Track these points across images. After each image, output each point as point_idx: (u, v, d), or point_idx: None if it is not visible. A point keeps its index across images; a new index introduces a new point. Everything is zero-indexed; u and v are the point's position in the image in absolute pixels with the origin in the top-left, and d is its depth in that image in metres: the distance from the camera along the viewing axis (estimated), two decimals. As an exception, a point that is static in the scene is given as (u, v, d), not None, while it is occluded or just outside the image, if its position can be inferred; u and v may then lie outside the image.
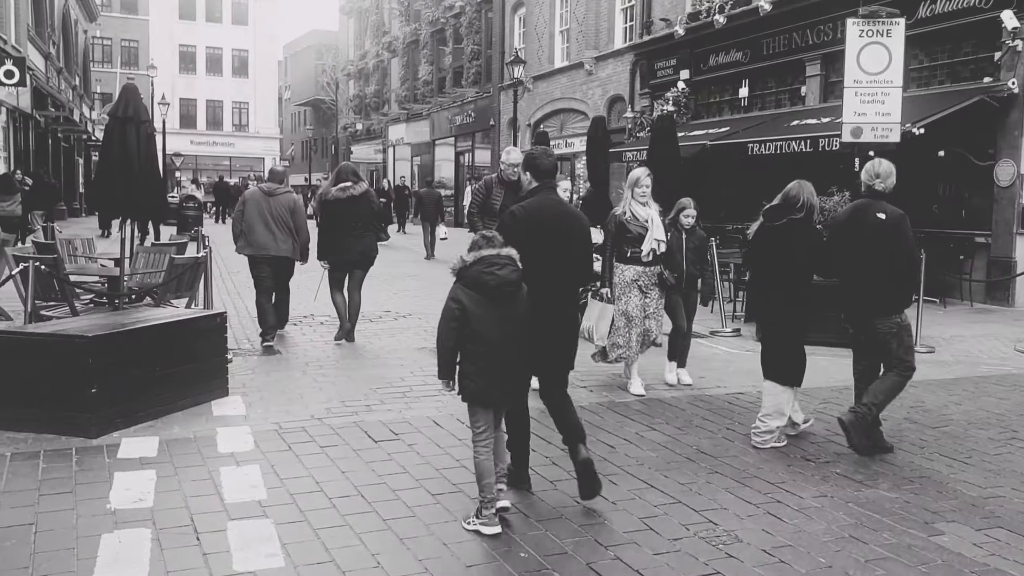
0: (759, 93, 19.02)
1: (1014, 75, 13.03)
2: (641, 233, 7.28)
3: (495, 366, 4.56)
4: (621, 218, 7.32)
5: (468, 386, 4.61)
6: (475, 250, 4.61)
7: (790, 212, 5.87)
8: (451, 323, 4.54)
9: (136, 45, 58.92)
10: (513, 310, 4.61)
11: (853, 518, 4.78)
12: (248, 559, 4.08)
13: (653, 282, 7.46)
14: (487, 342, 4.53)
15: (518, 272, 4.58)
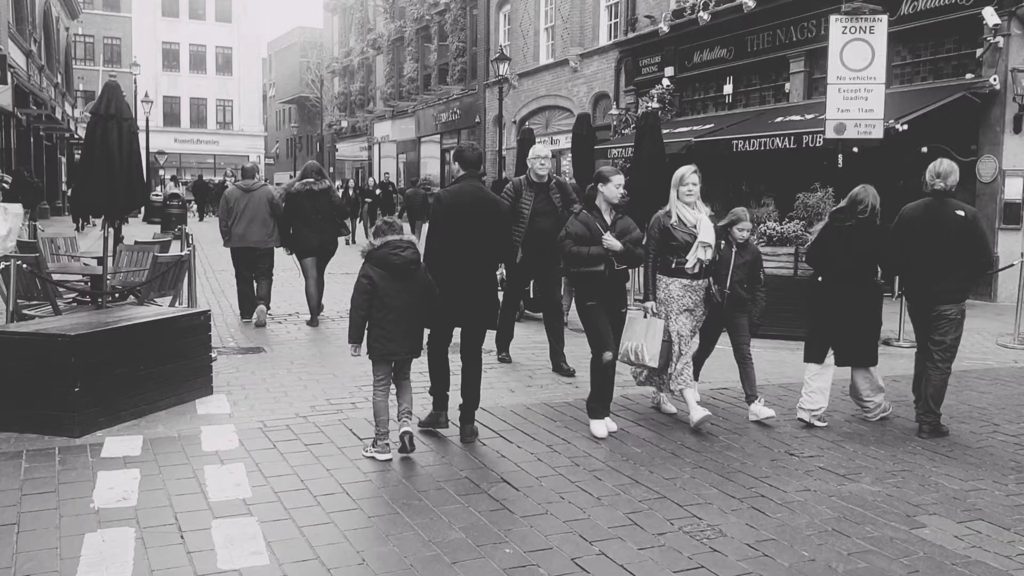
0: (743, 90, 19.09)
1: (995, 71, 13.12)
2: (688, 240, 6.25)
3: (398, 329, 5.56)
4: (666, 222, 6.34)
5: (376, 347, 5.57)
6: (381, 236, 5.63)
7: (857, 213, 6.51)
8: (363, 295, 5.52)
9: (119, 42, 58.48)
10: (412, 284, 5.63)
11: (836, 512, 4.81)
12: (233, 557, 4.07)
13: (700, 298, 6.44)
14: (393, 310, 5.54)
15: (417, 253, 5.63)
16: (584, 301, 6.19)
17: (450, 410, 6.24)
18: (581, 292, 6.25)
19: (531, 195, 7.97)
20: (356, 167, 48.36)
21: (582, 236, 6.11)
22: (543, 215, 7.94)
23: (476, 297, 6.04)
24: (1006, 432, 6.49)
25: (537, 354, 9.04)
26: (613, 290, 6.22)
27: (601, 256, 6.06)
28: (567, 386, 7.65)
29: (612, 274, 6.15)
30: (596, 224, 6.13)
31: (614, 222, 6.21)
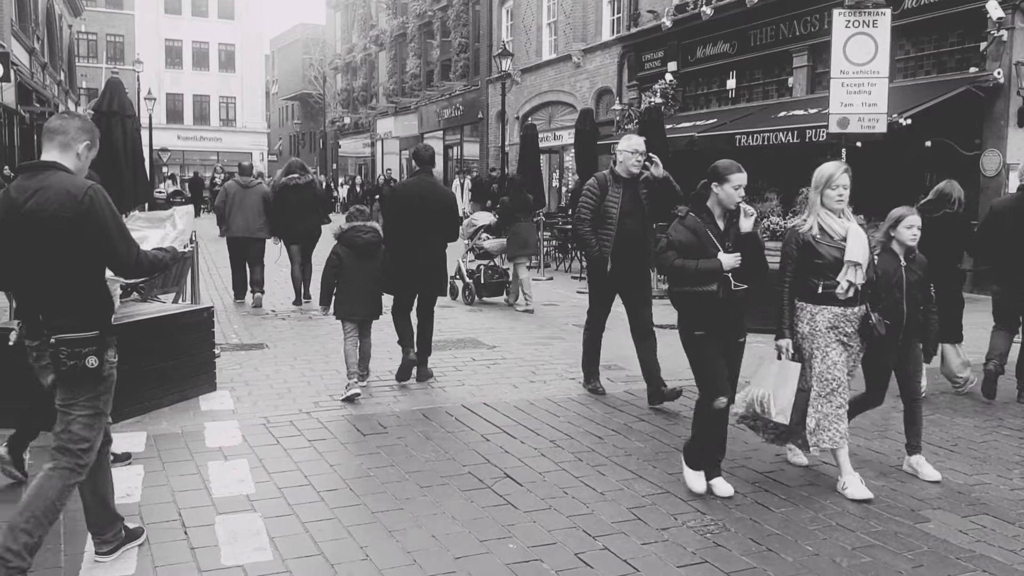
0: (746, 85, 19.05)
1: (1000, 65, 13.08)
2: (837, 257, 4.95)
3: (357, 297, 6.96)
4: (806, 235, 5.05)
5: (340, 309, 7.02)
6: (351, 221, 7.04)
7: (945, 206, 6.90)
8: (332, 269, 7.00)
9: (121, 40, 58.50)
10: (372, 262, 7.01)
11: (840, 506, 4.80)
12: (236, 553, 4.07)
13: (854, 329, 5.05)
14: (355, 281, 6.94)
15: (378, 236, 6.99)
16: (690, 329, 4.99)
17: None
18: (687, 317, 5.02)
19: (618, 191, 6.73)
20: (359, 163, 48.36)
21: (689, 247, 4.91)
22: (630, 215, 6.77)
23: (428, 269, 7.44)
24: (1010, 427, 6.47)
25: (540, 349, 9.05)
26: (729, 315, 4.99)
27: (714, 272, 4.85)
28: (570, 381, 7.65)
29: (728, 294, 4.92)
30: (707, 231, 4.94)
31: (727, 228, 4.99)
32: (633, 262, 6.85)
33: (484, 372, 7.95)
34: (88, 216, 3.59)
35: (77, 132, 3.79)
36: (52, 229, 3.57)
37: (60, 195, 3.58)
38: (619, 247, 6.74)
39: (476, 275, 12.62)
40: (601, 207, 6.75)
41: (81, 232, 3.60)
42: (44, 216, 3.56)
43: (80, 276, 3.70)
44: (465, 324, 10.61)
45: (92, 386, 3.74)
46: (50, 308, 3.66)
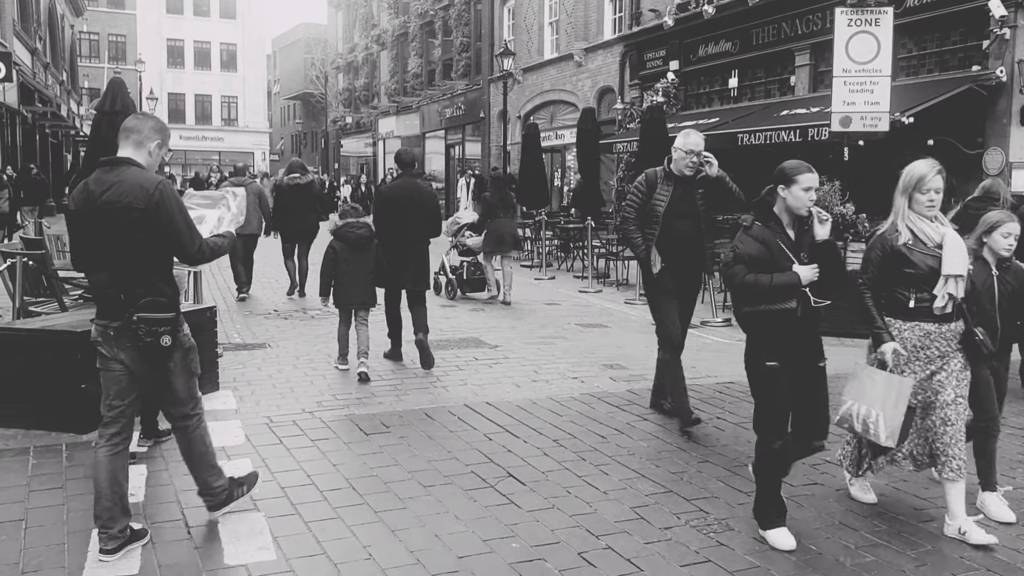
0: (748, 83, 19.02)
1: (1002, 63, 13.06)
2: (932, 266, 4.37)
3: (353, 287, 7.67)
4: (894, 242, 4.47)
5: (338, 298, 7.76)
6: (345, 218, 7.75)
7: (992, 203, 6.75)
8: (330, 261, 7.71)
9: (123, 40, 58.53)
10: (366, 255, 7.69)
11: (843, 505, 4.80)
12: (240, 553, 4.08)
13: (950, 348, 4.47)
14: (349, 273, 7.64)
15: (370, 230, 7.66)
16: (761, 358, 4.34)
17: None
18: (759, 342, 4.39)
19: (668, 190, 6.27)
20: (361, 163, 48.36)
21: (759, 260, 4.31)
22: (682, 217, 6.24)
23: (412, 264, 8.07)
24: (1013, 425, 6.47)
25: (542, 349, 9.05)
26: (807, 336, 4.40)
27: (791, 286, 4.25)
28: (572, 381, 7.65)
29: (807, 312, 4.32)
30: (777, 242, 4.34)
31: (800, 237, 4.39)
32: (682, 267, 6.31)
33: (486, 371, 7.95)
34: (158, 208, 3.96)
35: (150, 131, 4.22)
36: (127, 219, 3.94)
37: (134, 189, 3.96)
38: (666, 249, 6.24)
39: (459, 271, 13.04)
40: (647, 206, 6.29)
41: (152, 223, 3.97)
42: (119, 207, 3.94)
43: (153, 262, 4.08)
44: (467, 324, 10.61)
45: (168, 360, 4.13)
46: (130, 290, 4.02)
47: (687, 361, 8.44)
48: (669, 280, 6.30)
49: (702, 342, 9.58)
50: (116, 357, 4.08)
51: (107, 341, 4.09)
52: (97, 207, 3.97)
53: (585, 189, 18.32)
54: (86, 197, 4.03)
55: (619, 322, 11.02)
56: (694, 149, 6.16)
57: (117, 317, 4.04)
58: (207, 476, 4.39)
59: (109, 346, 4.08)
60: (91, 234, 4.04)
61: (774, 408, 4.40)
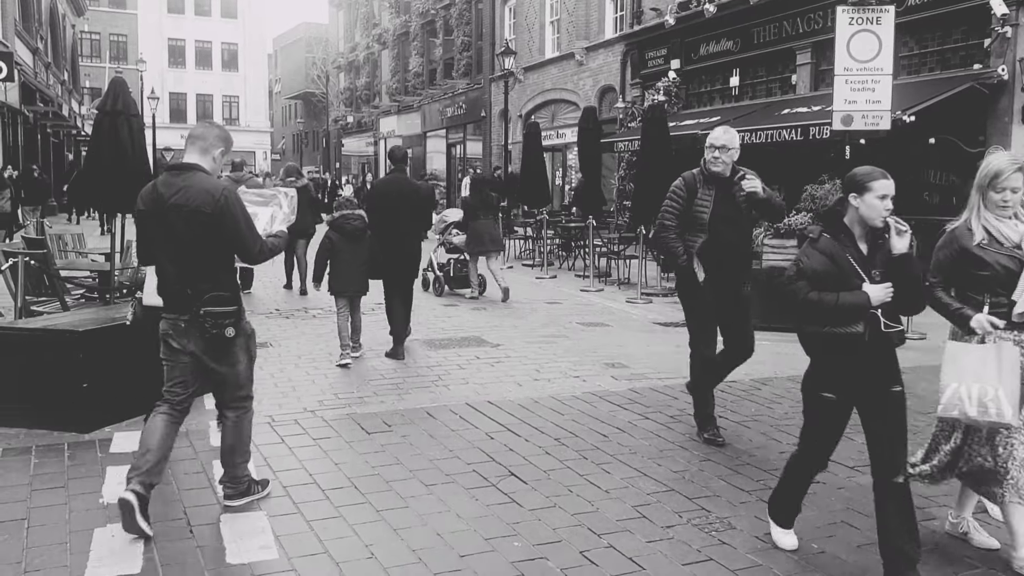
0: (750, 82, 19.02)
1: (1003, 62, 13.05)
2: (1009, 267, 3.98)
3: (348, 275, 8.06)
4: (966, 243, 4.09)
5: (333, 287, 8.13)
6: (340, 210, 8.21)
7: None
8: (324, 251, 8.17)
9: (125, 39, 58.57)
10: (360, 245, 8.09)
11: (845, 503, 4.80)
12: (242, 551, 4.08)
13: None
14: (344, 262, 8.05)
15: (364, 222, 8.06)
16: (817, 386, 4.04)
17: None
18: (820, 369, 4.06)
19: (709, 194, 5.74)
20: (362, 162, 48.36)
21: (825, 276, 3.87)
22: (726, 221, 5.73)
23: (402, 255, 8.44)
24: (1016, 423, 6.46)
25: (544, 348, 9.05)
26: (877, 364, 3.95)
27: (860, 307, 3.81)
28: (574, 379, 7.65)
29: (877, 337, 3.88)
30: (846, 256, 3.86)
31: (873, 251, 3.89)
32: (729, 275, 5.82)
33: (488, 370, 7.96)
34: (223, 212, 4.28)
35: (215, 139, 4.51)
36: (194, 221, 4.26)
37: (201, 193, 4.28)
38: (712, 257, 5.73)
39: (446, 268, 13.43)
40: (690, 211, 5.75)
41: (217, 226, 4.28)
42: (187, 210, 4.26)
43: (217, 260, 4.40)
44: (469, 322, 10.61)
45: (233, 347, 4.48)
46: (197, 286, 4.33)
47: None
48: (709, 291, 5.77)
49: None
50: (185, 348, 4.42)
51: (177, 333, 4.42)
52: (166, 208, 4.29)
53: (586, 188, 18.33)
54: (155, 199, 4.34)
55: (620, 321, 11.02)
56: (714, 143, 5.73)
57: (185, 311, 4.36)
58: (239, 461, 4.65)
59: (179, 338, 4.42)
60: (159, 233, 4.36)
61: (823, 438, 4.10)
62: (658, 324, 10.74)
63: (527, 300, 12.65)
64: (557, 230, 18.37)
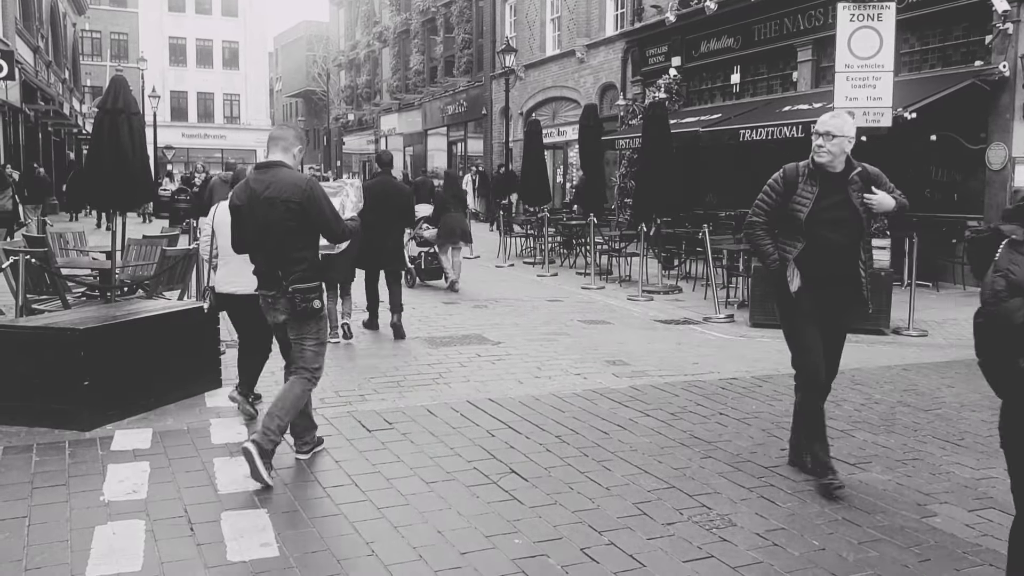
0: (751, 79, 19.00)
1: (1005, 58, 13.03)
2: None
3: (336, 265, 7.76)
4: None
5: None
6: None
7: None
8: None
9: (125, 38, 58.54)
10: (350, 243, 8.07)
11: (846, 501, 4.79)
12: (242, 549, 4.08)
13: None
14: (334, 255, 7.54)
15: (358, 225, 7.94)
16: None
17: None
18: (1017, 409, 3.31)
19: (812, 190, 4.95)
20: (363, 160, 48.35)
21: None
22: (829, 224, 4.90)
23: (387, 250, 9.45)
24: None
25: (545, 345, 9.05)
26: None
27: None
28: (575, 377, 7.64)
29: None
30: None
31: None
32: (832, 287, 4.98)
33: (489, 368, 7.95)
34: (310, 200, 4.92)
35: (293, 139, 5.18)
36: (285, 210, 4.88)
37: (290, 185, 4.92)
38: (811, 263, 4.92)
39: (417, 261, 13.94)
40: (785, 209, 5.00)
41: (305, 212, 4.91)
42: (279, 201, 4.88)
43: (305, 243, 5.02)
44: (470, 320, 10.61)
45: (316, 322, 5.10)
46: (287, 266, 4.95)
47: (689, 357, 8.48)
48: (808, 301, 4.96)
49: (704, 338, 9.58)
50: (275, 320, 5.12)
51: (267, 308, 5.12)
52: (260, 201, 4.91)
53: (587, 186, 18.32)
54: (249, 194, 4.98)
55: (622, 318, 11.01)
56: (818, 129, 4.95)
57: (276, 288, 4.98)
58: (278, 418, 5.05)
59: (269, 312, 5.11)
60: (253, 223, 4.96)
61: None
62: (659, 321, 10.74)
63: (528, 298, 12.65)
64: (558, 228, 18.37)
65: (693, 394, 7.10)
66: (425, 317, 10.75)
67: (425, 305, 11.74)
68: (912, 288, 10.11)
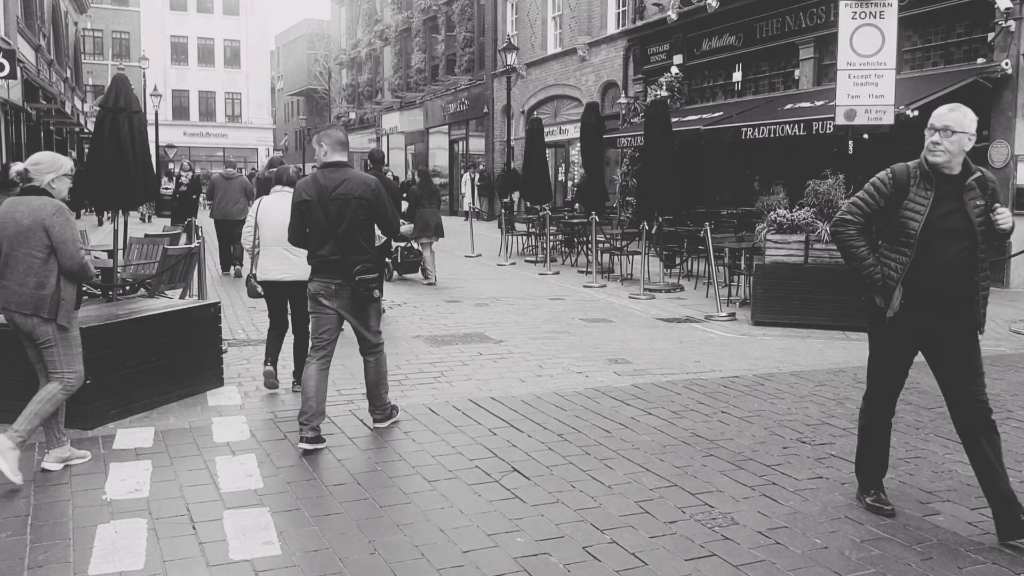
0: (752, 77, 18.98)
1: (1007, 56, 13.01)
2: None
3: None
4: None
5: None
6: None
7: None
8: None
9: (127, 37, 58.57)
10: None
11: (848, 499, 4.79)
12: (244, 548, 4.08)
13: None
14: None
15: None
16: None
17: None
18: None
19: (926, 196, 4.29)
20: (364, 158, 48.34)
21: None
22: (945, 236, 4.24)
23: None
24: (1019, 418, 6.45)
25: (547, 344, 9.04)
26: None
27: None
28: (577, 376, 7.64)
29: None
30: None
31: None
32: (938, 311, 4.31)
33: (491, 366, 7.95)
34: (377, 198, 5.55)
35: (347, 140, 5.76)
36: (356, 206, 5.46)
37: (360, 184, 5.53)
38: (919, 280, 4.27)
39: (394, 255, 14.34)
40: (894, 216, 4.33)
41: (371, 208, 5.52)
42: (352, 198, 5.46)
43: (369, 237, 5.62)
44: (472, 319, 10.61)
45: (376, 306, 5.78)
46: (351, 258, 5.46)
47: (691, 356, 8.48)
48: (905, 328, 4.35)
49: (706, 336, 9.57)
50: (333, 306, 5.57)
51: (328, 294, 5.55)
52: (332, 197, 5.43)
53: (589, 184, 18.31)
54: (319, 190, 5.48)
55: (623, 317, 11.01)
56: (934, 124, 4.30)
57: (340, 277, 5.49)
58: (383, 392, 5.93)
59: (329, 298, 5.56)
60: (321, 217, 5.45)
61: None
62: (661, 320, 10.73)
63: (530, 296, 12.65)
64: (560, 226, 18.36)
65: (695, 392, 7.09)
66: (427, 316, 10.75)
67: (427, 304, 11.75)
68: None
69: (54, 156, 5.16)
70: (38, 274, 4.85)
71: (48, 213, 4.85)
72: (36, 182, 4.96)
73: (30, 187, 4.97)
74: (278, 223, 6.33)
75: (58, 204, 4.94)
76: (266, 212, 6.76)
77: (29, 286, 4.85)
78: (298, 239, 5.69)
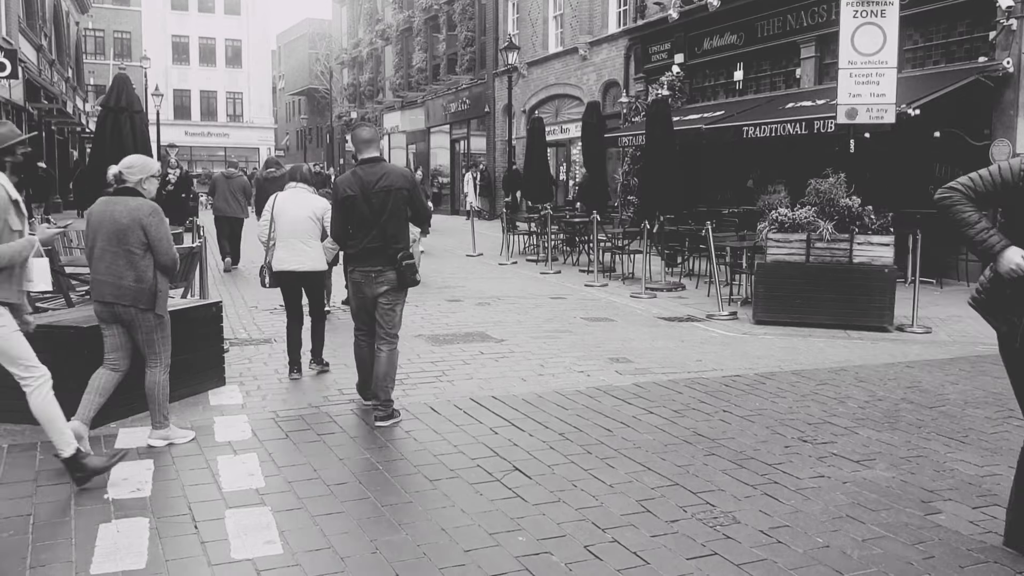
0: (754, 76, 18.98)
1: (1009, 54, 13.00)
2: None
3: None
4: None
5: None
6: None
7: None
8: None
9: (129, 36, 58.60)
10: None
11: (850, 498, 4.79)
12: (246, 547, 4.08)
13: None
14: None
15: None
16: None
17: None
18: None
19: None
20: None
21: None
22: None
23: None
24: (1021, 418, 6.44)
25: (548, 343, 9.04)
26: None
27: None
28: (579, 375, 7.64)
29: None
30: None
31: None
32: None
33: (492, 365, 7.96)
34: (414, 189, 6.04)
35: (379, 137, 6.21)
36: (397, 197, 5.90)
37: (400, 177, 5.98)
38: None
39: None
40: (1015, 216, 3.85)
41: (408, 199, 5.97)
42: (395, 189, 5.90)
43: (404, 225, 6.02)
44: (473, 318, 10.61)
45: (400, 296, 6.10)
46: (392, 246, 5.89)
47: (692, 355, 8.48)
48: None
49: (708, 335, 9.57)
50: (371, 293, 6.00)
51: (367, 282, 5.99)
52: (374, 191, 5.85)
53: (590, 183, 18.31)
54: (361, 185, 5.88)
55: (625, 316, 11.01)
56: None
57: (380, 264, 5.92)
58: (389, 386, 6.03)
59: (368, 285, 5.99)
60: (365, 210, 5.86)
61: None
62: (662, 319, 10.73)
63: (531, 295, 12.65)
64: (561, 225, 18.36)
65: (696, 391, 7.09)
66: (428, 315, 10.76)
67: (428, 303, 11.75)
68: (916, 285, 10.09)
69: (144, 159, 5.58)
70: (137, 268, 5.26)
71: (145, 213, 5.28)
72: (129, 183, 5.35)
73: (123, 188, 5.37)
74: (294, 217, 7.17)
75: (154, 206, 5.36)
76: (282, 206, 7.28)
77: (129, 279, 5.25)
78: (339, 234, 6.09)
